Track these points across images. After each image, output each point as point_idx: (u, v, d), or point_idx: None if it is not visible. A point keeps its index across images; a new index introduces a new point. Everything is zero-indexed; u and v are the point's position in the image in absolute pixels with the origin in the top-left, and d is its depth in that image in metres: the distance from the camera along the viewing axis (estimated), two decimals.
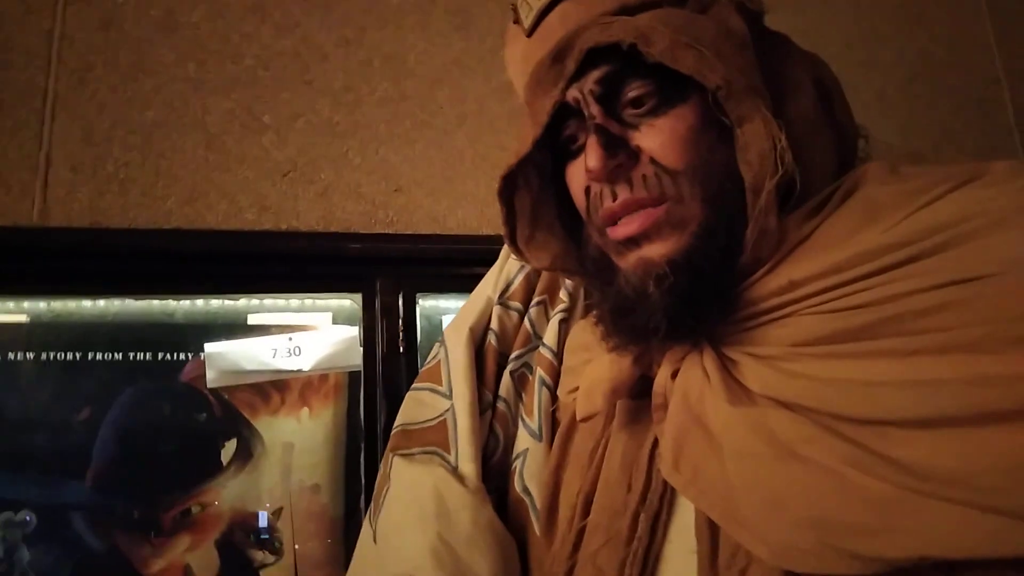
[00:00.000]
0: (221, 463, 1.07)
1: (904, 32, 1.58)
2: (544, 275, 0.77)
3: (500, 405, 0.72)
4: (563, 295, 0.74)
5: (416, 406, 0.75)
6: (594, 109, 0.55)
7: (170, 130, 1.21)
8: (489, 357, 0.74)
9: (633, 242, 0.53)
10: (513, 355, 0.74)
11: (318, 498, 1.09)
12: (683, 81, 0.52)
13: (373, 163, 1.27)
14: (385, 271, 1.15)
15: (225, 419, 1.09)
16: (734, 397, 0.48)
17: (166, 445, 1.05)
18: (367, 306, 1.13)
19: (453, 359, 0.74)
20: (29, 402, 1.04)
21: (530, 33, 0.61)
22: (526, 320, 0.75)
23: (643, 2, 0.56)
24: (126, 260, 1.12)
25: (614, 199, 0.53)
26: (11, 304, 1.09)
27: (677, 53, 0.50)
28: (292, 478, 1.09)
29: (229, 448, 1.08)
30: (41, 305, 1.10)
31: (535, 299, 0.76)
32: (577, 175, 0.58)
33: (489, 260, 1.20)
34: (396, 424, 0.75)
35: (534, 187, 0.63)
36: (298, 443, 1.10)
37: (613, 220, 0.54)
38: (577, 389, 0.62)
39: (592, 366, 0.59)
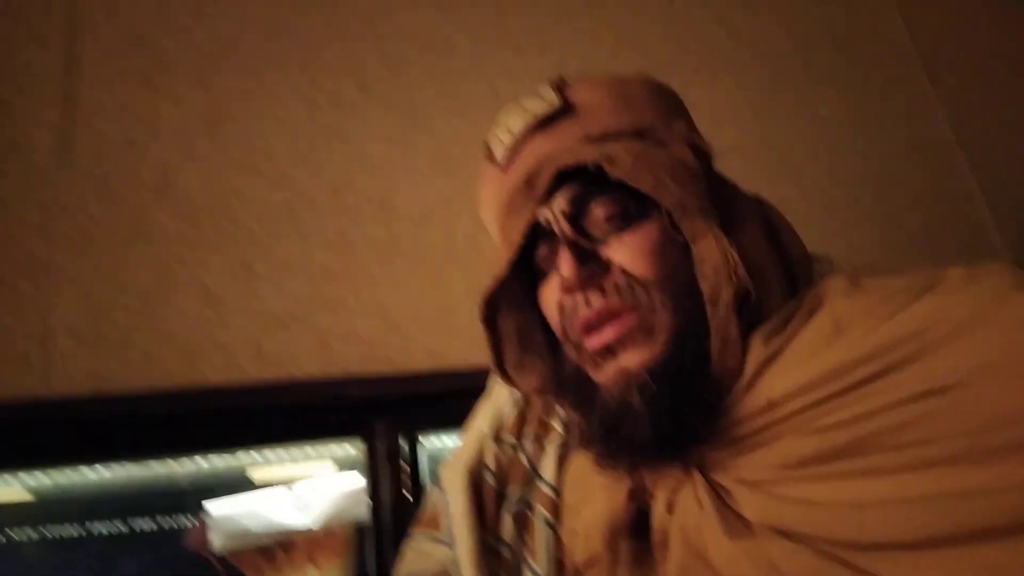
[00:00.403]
0: None
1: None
2: (537, 406, 0.76)
3: (504, 551, 0.69)
4: (558, 425, 0.72)
5: (417, 557, 0.72)
6: (564, 226, 0.59)
7: (167, 291, 1.24)
8: (488, 499, 0.71)
9: (610, 352, 0.55)
10: (512, 494, 0.71)
11: None
12: (644, 201, 0.57)
13: (369, 306, 1.29)
14: (385, 413, 1.14)
15: None
16: (732, 529, 0.48)
17: None
18: (370, 449, 1.12)
19: (453, 504, 0.71)
20: None
21: (505, 167, 0.65)
22: (522, 455, 0.73)
23: (605, 134, 0.60)
24: (127, 425, 1.11)
25: (588, 307, 0.56)
26: (16, 483, 1.07)
27: (638, 174, 0.55)
28: None
29: None
30: (46, 481, 1.08)
31: (529, 431, 0.74)
32: (550, 294, 0.61)
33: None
34: None
35: (516, 313, 0.66)
36: None
37: (588, 330, 0.56)
38: (576, 570, 0.62)
39: (588, 507, 0.59)
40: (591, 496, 0.59)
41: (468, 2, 1.60)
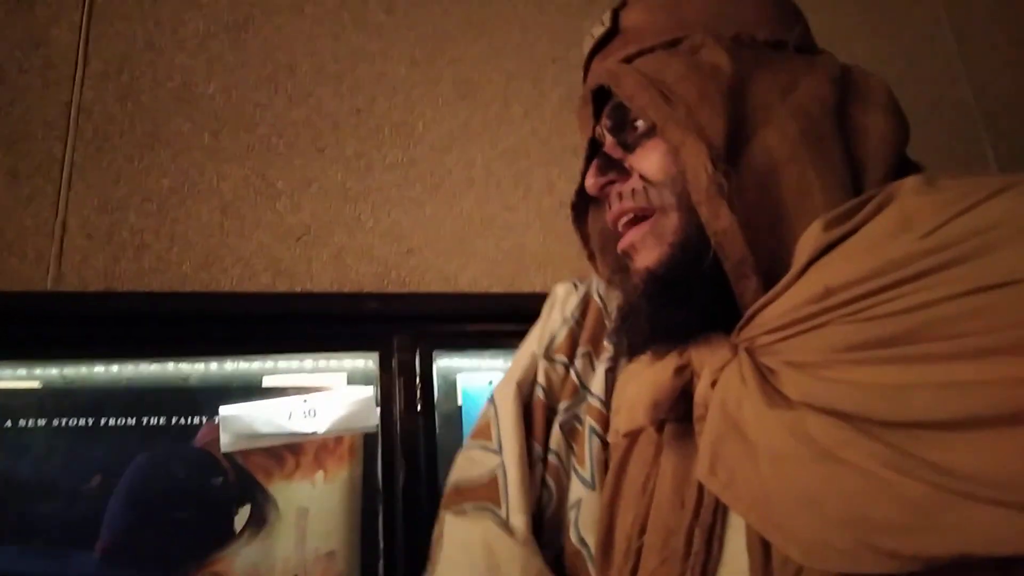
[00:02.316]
0: (234, 530, 1.04)
1: None
2: (588, 327, 0.79)
3: (551, 458, 0.72)
4: (607, 345, 0.75)
5: (467, 464, 0.76)
6: (606, 139, 0.66)
7: (185, 197, 1.23)
8: (538, 411, 0.75)
9: (628, 255, 0.63)
10: (562, 407, 0.74)
11: (334, 565, 1.05)
12: None
13: (385, 226, 1.29)
14: (402, 329, 1.15)
15: (239, 484, 1.06)
16: (771, 402, 0.49)
17: (179, 512, 1.03)
18: (384, 365, 1.13)
19: (502, 414, 0.75)
20: (39, 470, 1.01)
21: (584, 85, 0.72)
22: (572, 372, 0.76)
23: (640, 50, 0.64)
24: (140, 323, 1.11)
25: (610, 209, 0.64)
26: (23, 371, 1.08)
27: (636, 93, 0.60)
28: (307, 545, 1.06)
29: (243, 514, 1.05)
30: (54, 371, 1.08)
31: (580, 351, 0.77)
32: None
33: (502, 317, 1.22)
34: (448, 482, 0.76)
35: (602, 213, 0.70)
36: (313, 508, 1.08)
37: (618, 228, 0.64)
38: (617, 436, 0.63)
39: (632, 384, 0.61)
40: (638, 375, 0.60)
41: None
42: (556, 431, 0.73)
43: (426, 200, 1.32)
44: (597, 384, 0.73)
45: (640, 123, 0.62)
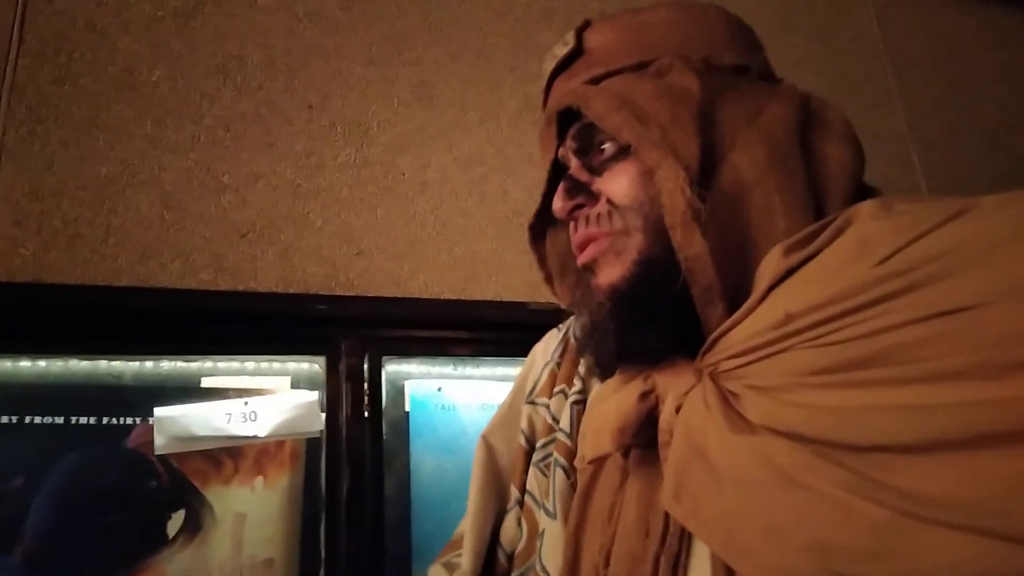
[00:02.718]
0: (167, 536, 1.00)
1: None
2: (564, 366, 0.79)
3: (527, 499, 0.73)
4: (576, 380, 0.75)
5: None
6: (571, 162, 0.64)
7: (124, 187, 1.18)
8: (518, 457, 0.76)
9: (589, 270, 0.61)
10: (538, 445, 0.75)
11: (272, 573, 1.02)
12: None
13: (335, 226, 1.26)
14: (350, 333, 1.12)
15: (173, 488, 1.02)
16: (734, 427, 0.49)
17: (108, 516, 0.98)
18: (331, 369, 1.10)
19: (473, 466, 0.78)
20: None
21: (543, 108, 0.71)
22: (547, 412, 0.77)
23: (608, 72, 0.64)
24: (70, 317, 1.06)
25: (576, 232, 0.63)
26: None
27: (607, 114, 0.59)
28: (244, 552, 1.02)
29: (176, 520, 1.01)
30: None
31: (556, 389, 0.77)
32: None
33: (453, 324, 1.21)
34: None
35: (564, 234, 0.70)
36: (251, 514, 1.04)
37: (577, 250, 0.63)
38: (583, 462, 0.63)
39: (598, 409, 0.60)
40: (604, 401, 0.60)
41: None
42: (532, 471, 0.73)
43: (378, 202, 1.30)
44: (564, 419, 0.73)
45: (607, 146, 0.62)
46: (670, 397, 0.55)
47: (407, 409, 1.15)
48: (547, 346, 0.81)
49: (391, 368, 1.16)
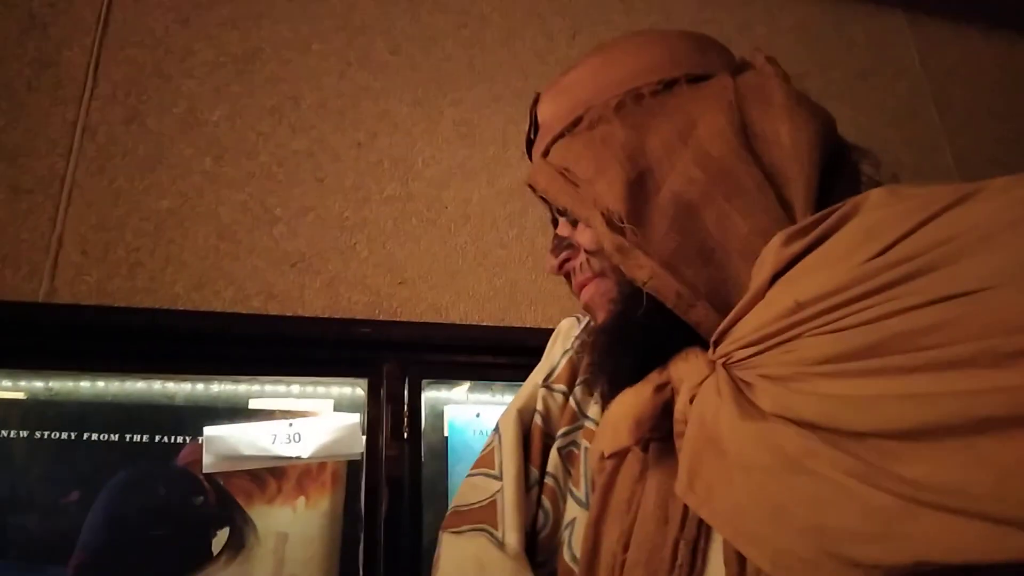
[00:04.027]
0: (211, 552, 1.02)
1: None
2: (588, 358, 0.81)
3: (548, 480, 0.74)
4: None
5: (469, 489, 0.78)
6: (560, 220, 0.70)
7: (183, 219, 1.24)
8: (535, 436, 0.78)
9: (588, 310, 0.68)
10: (560, 433, 0.76)
11: None
12: None
13: (379, 256, 1.30)
14: (392, 357, 1.15)
15: (219, 506, 1.05)
16: (745, 414, 0.50)
17: (156, 531, 1.01)
18: (373, 392, 1.13)
19: (504, 441, 0.78)
20: (17, 482, 0.99)
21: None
22: (571, 400, 0.78)
23: (554, 138, 0.68)
24: (128, 339, 1.11)
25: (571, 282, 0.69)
26: (8, 382, 1.07)
27: (548, 189, 0.65)
28: (284, 571, 1.04)
29: (221, 537, 1.03)
30: (39, 383, 1.08)
31: (580, 379, 0.79)
32: None
33: (493, 349, 1.23)
34: (450, 507, 0.78)
35: None
36: (292, 534, 1.06)
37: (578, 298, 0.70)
38: (604, 457, 0.64)
39: (615, 403, 0.61)
40: (623, 397, 0.61)
41: None
42: (554, 455, 0.75)
43: (421, 234, 1.35)
44: (594, 410, 0.75)
45: None
46: (684, 388, 0.56)
47: (446, 434, 1.17)
48: (568, 335, 0.83)
49: (431, 394, 1.18)
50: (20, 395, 1.07)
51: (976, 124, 1.83)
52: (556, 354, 0.83)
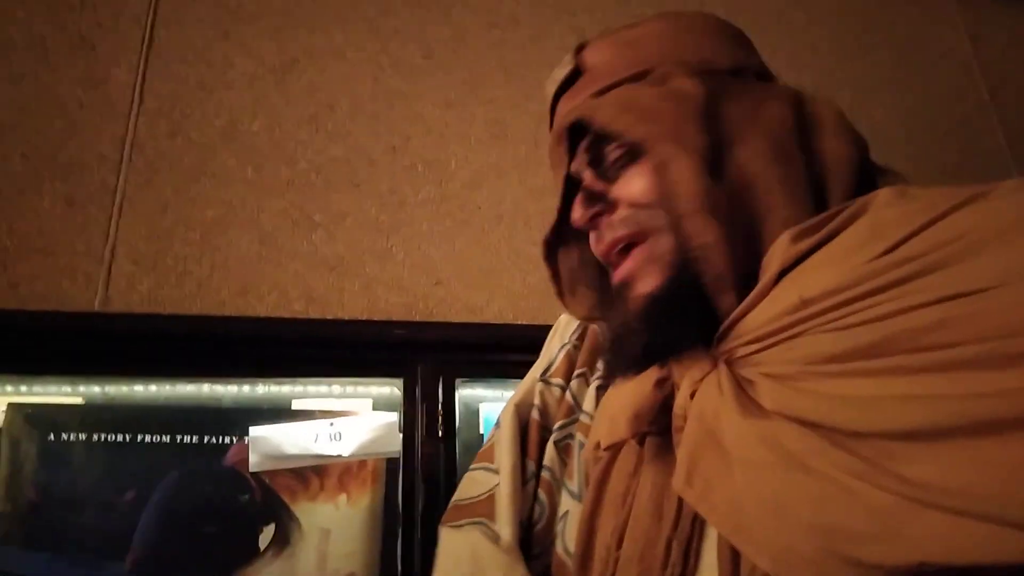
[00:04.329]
0: (258, 548, 1.07)
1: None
2: (584, 350, 0.81)
3: (545, 474, 0.74)
4: (600, 366, 0.77)
5: (470, 484, 0.79)
6: (585, 174, 0.67)
7: (227, 227, 1.29)
8: (532, 430, 0.78)
9: (626, 286, 0.62)
10: (556, 426, 0.77)
11: None
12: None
13: (415, 258, 1.33)
14: (426, 358, 1.18)
15: (265, 503, 1.09)
16: (746, 411, 0.50)
17: (207, 527, 1.06)
18: (408, 392, 1.16)
19: (502, 435, 0.78)
20: (77, 482, 1.05)
21: (550, 130, 0.74)
22: (568, 394, 0.79)
23: (609, 84, 0.66)
24: (178, 345, 1.16)
25: (600, 242, 0.64)
26: (68, 387, 1.13)
27: (615, 119, 0.61)
28: (328, 566, 1.08)
29: (267, 533, 1.08)
30: (96, 389, 1.14)
31: (576, 372, 0.79)
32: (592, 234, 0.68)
33: (525, 347, 1.23)
34: (451, 502, 0.80)
35: (575, 250, 0.73)
36: (335, 530, 1.10)
37: (609, 260, 0.64)
38: (599, 448, 0.65)
39: (613, 395, 0.62)
40: (621, 389, 0.62)
41: None
42: (550, 448, 0.75)
43: (456, 235, 1.37)
44: (589, 402, 0.75)
45: (617, 153, 0.64)
46: (685, 383, 0.56)
47: (481, 431, 1.20)
48: (566, 329, 0.83)
49: (466, 392, 1.20)
50: (79, 400, 1.13)
51: None
52: (554, 348, 0.84)
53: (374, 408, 1.19)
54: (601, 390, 0.75)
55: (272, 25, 1.46)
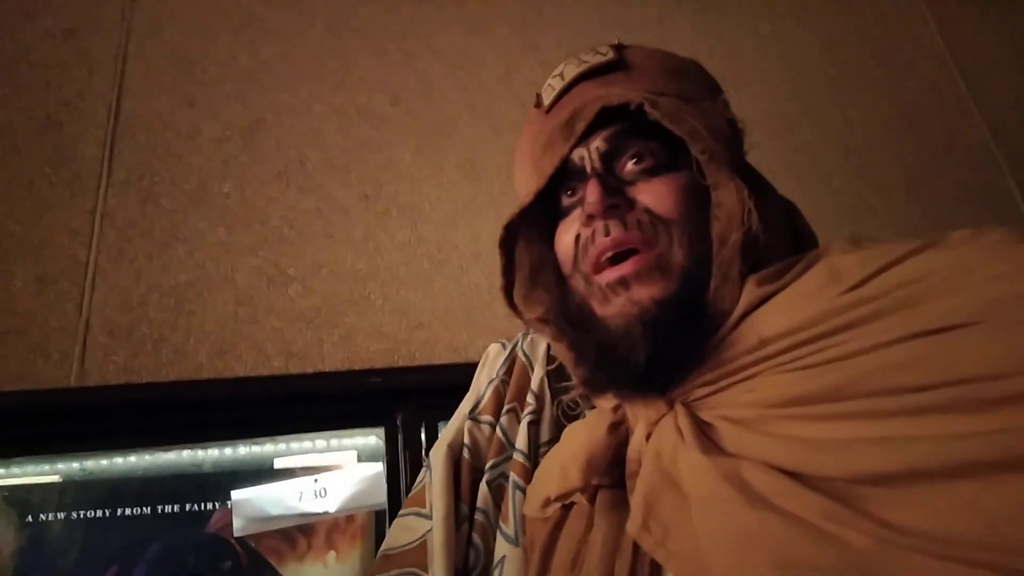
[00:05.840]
0: None
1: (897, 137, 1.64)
2: (512, 383, 0.77)
3: (478, 516, 0.70)
4: (530, 399, 0.74)
5: (400, 531, 0.73)
6: (597, 163, 0.62)
7: (201, 290, 1.28)
8: (464, 471, 0.73)
9: (623, 284, 0.57)
10: (488, 465, 0.72)
11: None
12: (676, 154, 0.59)
13: (394, 303, 1.31)
14: (406, 403, 1.15)
15: (252, 568, 1.05)
16: (706, 449, 0.48)
17: None
18: (390, 440, 1.12)
19: (435, 478, 0.73)
20: (57, 562, 1.02)
21: (549, 109, 0.68)
22: (498, 431, 0.74)
23: (654, 90, 0.62)
24: (156, 413, 1.14)
25: (607, 236, 0.58)
26: (45, 466, 1.11)
27: (677, 119, 0.58)
28: None
29: None
30: (75, 465, 1.11)
31: (505, 408, 0.75)
32: (568, 230, 0.63)
33: None
34: (379, 551, 0.73)
35: (533, 248, 0.68)
36: None
37: (601, 258, 0.59)
38: (549, 502, 0.61)
39: (565, 442, 0.59)
40: (574, 435, 0.59)
41: (498, 21, 1.65)
42: (483, 490, 0.70)
43: (434, 275, 1.35)
44: (521, 439, 0.70)
45: (643, 156, 0.60)
46: (640, 426, 0.54)
47: None
48: (494, 363, 0.80)
49: None
50: (56, 478, 1.10)
51: (1005, 86, 1.74)
52: (482, 383, 0.79)
53: (359, 459, 1.15)
54: (533, 425, 0.71)
55: (237, 87, 1.47)
